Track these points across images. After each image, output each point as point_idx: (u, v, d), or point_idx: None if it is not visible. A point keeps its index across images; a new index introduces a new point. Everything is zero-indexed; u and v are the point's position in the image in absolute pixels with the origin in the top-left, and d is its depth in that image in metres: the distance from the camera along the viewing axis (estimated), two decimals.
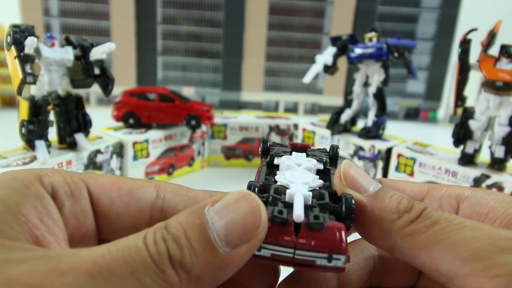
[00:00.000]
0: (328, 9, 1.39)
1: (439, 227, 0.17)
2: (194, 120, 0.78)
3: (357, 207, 0.19)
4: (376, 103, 0.80)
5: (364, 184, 0.20)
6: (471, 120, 0.64)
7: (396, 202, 0.19)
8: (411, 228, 0.18)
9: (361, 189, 0.20)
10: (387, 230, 0.18)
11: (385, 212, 0.18)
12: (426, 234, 0.17)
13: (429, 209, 0.18)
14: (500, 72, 0.60)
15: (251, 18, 1.37)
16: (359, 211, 0.19)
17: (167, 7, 1.36)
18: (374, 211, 0.19)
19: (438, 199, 0.22)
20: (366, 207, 0.19)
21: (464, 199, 0.21)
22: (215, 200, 0.16)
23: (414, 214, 0.18)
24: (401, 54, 0.75)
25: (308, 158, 0.24)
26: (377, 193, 0.19)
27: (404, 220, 0.18)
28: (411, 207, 0.18)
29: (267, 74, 1.44)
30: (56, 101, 0.59)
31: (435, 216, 0.18)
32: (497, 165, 0.63)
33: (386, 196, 0.19)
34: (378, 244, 0.19)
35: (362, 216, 0.19)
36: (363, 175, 0.20)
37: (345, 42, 0.80)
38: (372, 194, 0.19)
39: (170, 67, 1.42)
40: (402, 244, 0.18)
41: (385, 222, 0.18)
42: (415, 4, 1.40)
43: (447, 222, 0.17)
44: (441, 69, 1.46)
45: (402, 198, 0.19)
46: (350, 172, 0.20)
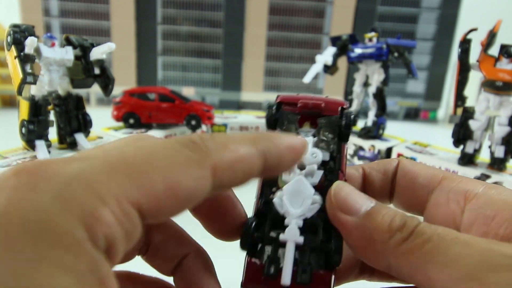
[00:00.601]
0: (328, 9, 1.39)
1: (432, 245, 0.17)
2: (194, 120, 0.78)
3: (349, 230, 0.19)
4: (376, 103, 0.80)
5: (355, 205, 0.19)
6: (471, 120, 0.64)
7: (388, 220, 0.18)
8: (404, 247, 0.17)
9: (353, 211, 0.19)
10: (381, 251, 0.18)
11: (377, 233, 0.18)
12: (419, 253, 0.17)
13: (422, 225, 0.18)
14: (500, 72, 0.60)
15: (251, 18, 1.37)
16: (352, 234, 0.19)
17: (167, 7, 1.36)
18: (367, 232, 0.18)
19: (446, 193, 0.22)
20: (358, 230, 0.18)
21: (473, 197, 0.21)
22: None
23: (406, 232, 0.17)
24: (401, 54, 0.75)
25: (314, 150, 0.22)
26: (368, 213, 0.19)
27: (396, 239, 0.17)
28: (404, 225, 0.18)
29: (267, 74, 1.44)
30: (56, 101, 0.59)
31: (428, 233, 0.17)
32: (497, 165, 0.63)
33: (378, 216, 0.18)
34: (375, 264, 0.19)
35: (355, 239, 0.19)
36: (354, 195, 0.19)
37: (345, 42, 0.80)
38: (363, 215, 0.19)
39: (170, 67, 1.42)
40: (397, 264, 0.17)
41: (378, 243, 0.18)
42: (415, 4, 1.40)
43: (440, 238, 0.17)
44: (441, 69, 1.46)
45: (395, 216, 0.18)
46: (341, 194, 0.20)
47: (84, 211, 0.13)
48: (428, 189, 0.23)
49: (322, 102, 0.24)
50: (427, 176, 0.23)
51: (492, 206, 0.20)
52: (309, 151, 0.22)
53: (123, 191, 0.14)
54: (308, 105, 0.24)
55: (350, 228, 0.19)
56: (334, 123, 0.23)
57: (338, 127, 0.23)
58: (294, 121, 0.24)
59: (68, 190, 0.13)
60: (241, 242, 0.20)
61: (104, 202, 0.13)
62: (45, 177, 0.13)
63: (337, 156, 0.23)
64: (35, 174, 0.13)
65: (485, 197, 0.20)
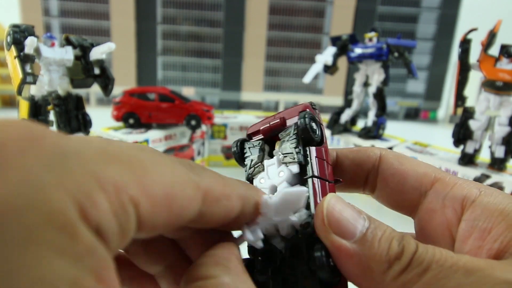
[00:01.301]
0: (328, 9, 1.39)
1: (432, 275, 0.16)
2: (194, 120, 0.78)
3: (345, 257, 0.17)
4: (376, 103, 0.80)
5: (350, 227, 0.18)
6: (471, 120, 0.64)
7: (385, 247, 0.17)
8: (403, 279, 0.16)
9: (348, 234, 0.17)
10: (379, 281, 0.17)
11: (375, 262, 0.17)
12: (418, 285, 0.16)
13: (420, 251, 0.17)
14: (500, 72, 0.60)
15: (251, 18, 1.37)
16: (347, 262, 0.17)
17: (167, 7, 1.36)
18: (363, 260, 0.17)
19: (442, 199, 0.21)
20: (354, 258, 0.17)
21: (469, 206, 0.20)
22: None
23: (404, 261, 0.17)
24: (401, 54, 0.75)
25: (280, 169, 0.21)
26: (364, 236, 0.17)
27: (395, 270, 0.17)
28: (402, 251, 0.17)
29: (267, 74, 1.44)
30: (56, 101, 0.59)
31: (426, 261, 0.16)
32: (497, 165, 0.63)
33: (375, 241, 0.17)
34: None
35: (351, 267, 0.17)
36: (348, 214, 0.18)
37: (345, 42, 0.80)
38: (359, 239, 0.17)
39: (170, 67, 1.42)
40: None
41: (375, 273, 0.17)
42: (415, 4, 1.40)
43: (439, 267, 0.16)
44: (441, 69, 1.46)
45: (392, 240, 0.17)
46: (334, 214, 0.18)
47: (80, 191, 0.11)
48: (419, 191, 0.21)
49: (281, 117, 0.22)
50: (417, 176, 0.22)
51: (488, 219, 0.19)
52: (275, 172, 0.21)
53: (123, 182, 0.12)
54: (269, 129, 0.23)
55: (345, 254, 0.17)
56: (293, 132, 0.22)
57: (295, 134, 0.21)
58: (258, 149, 0.23)
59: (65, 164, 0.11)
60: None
61: (103, 187, 0.12)
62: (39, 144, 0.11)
63: (306, 165, 0.21)
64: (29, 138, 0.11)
65: (481, 207, 0.19)
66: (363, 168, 0.23)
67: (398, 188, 0.22)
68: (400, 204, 0.23)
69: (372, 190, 0.23)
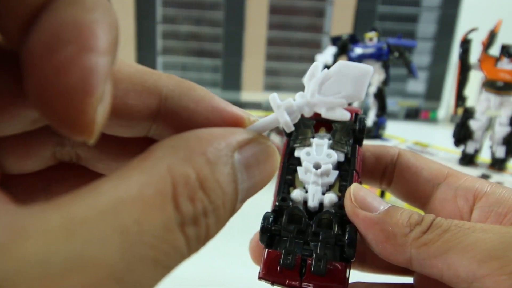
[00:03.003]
0: (328, 9, 1.39)
1: (451, 234, 0.18)
2: None
3: (369, 225, 0.20)
4: (377, 103, 0.79)
5: (375, 203, 0.20)
6: (472, 120, 0.64)
7: (406, 217, 0.19)
8: (424, 238, 0.18)
9: (372, 208, 0.20)
10: (402, 243, 0.19)
11: (398, 227, 0.19)
12: (439, 242, 0.18)
13: (439, 219, 0.19)
14: (501, 72, 0.60)
15: (251, 18, 1.37)
16: (372, 230, 0.20)
17: (167, 6, 1.35)
18: (387, 227, 0.19)
19: (454, 190, 0.22)
20: (378, 225, 0.19)
21: (482, 196, 0.21)
22: (241, 142, 0.15)
23: (425, 225, 0.19)
24: (401, 54, 0.75)
25: (329, 151, 0.24)
26: (387, 210, 0.20)
27: (416, 232, 0.18)
28: (422, 220, 0.19)
29: (267, 74, 1.44)
30: None
31: (445, 224, 0.18)
32: (497, 165, 0.63)
33: (397, 213, 0.19)
34: (395, 259, 0.19)
35: (375, 234, 0.20)
36: (372, 196, 0.21)
37: (345, 41, 0.80)
38: (383, 212, 0.20)
39: (170, 67, 1.42)
40: (418, 255, 0.18)
41: (399, 236, 0.19)
42: (415, 4, 1.40)
43: (457, 228, 0.18)
44: (441, 69, 1.46)
45: (412, 213, 0.19)
46: (360, 194, 0.21)
47: None
48: (432, 183, 0.23)
49: None
50: (432, 170, 0.24)
51: (504, 204, 0.20)
52: (324, 152, 0.23)
53: None
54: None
55: (370, 223, 0.20)
56: (348, 127, 0.25)
57: (352, 131, 0.24)
58: (309, 126, 0.25)
59: None
60: (261, 236, 0.21)
61: None
62: None
63: (351, 157, 0.24)
64: None
65: (495, 196, 0.21)
66: (382, 161, 0.25)
67: (413, 180, 0.24)
68: (414, 196, 0.25)
69: (388, 184, 0.25)
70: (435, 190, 0.23)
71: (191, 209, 0.13)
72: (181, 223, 0.12)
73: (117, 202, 0.11)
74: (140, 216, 0.11)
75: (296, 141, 0.24)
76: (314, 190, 0.22)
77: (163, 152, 0.13)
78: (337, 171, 0.23)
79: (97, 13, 0.12)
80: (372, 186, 0.27)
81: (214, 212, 0.13)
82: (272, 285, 0.21)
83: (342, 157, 0.24)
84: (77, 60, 0.11)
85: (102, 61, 0.12)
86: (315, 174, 0.23)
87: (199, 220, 0.13)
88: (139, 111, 0.17)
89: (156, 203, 0.12)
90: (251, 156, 0.15)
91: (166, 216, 0.12)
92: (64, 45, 0.11)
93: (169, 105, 0.17)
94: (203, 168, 0.13)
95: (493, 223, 0.20)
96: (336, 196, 0.22)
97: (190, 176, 0.13)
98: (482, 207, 0.21)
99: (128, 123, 0.17)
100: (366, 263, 0.26)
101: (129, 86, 0.17)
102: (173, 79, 0.18)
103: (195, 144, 0.14)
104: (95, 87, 0.11)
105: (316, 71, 0.17)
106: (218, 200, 0.13)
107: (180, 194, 0.12)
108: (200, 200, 0.13)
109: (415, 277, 0.24)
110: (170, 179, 0.12)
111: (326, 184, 0.23)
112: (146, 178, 0.12)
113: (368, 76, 0.17)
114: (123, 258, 0.10)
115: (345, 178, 0.23)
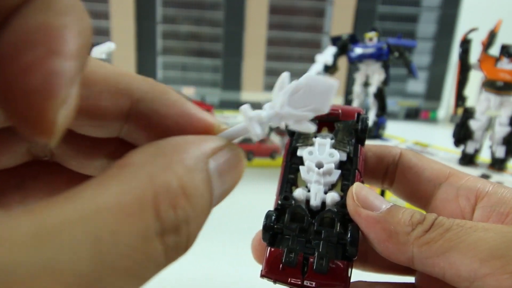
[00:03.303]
0: (328, 9, 1.39)
1: (453, 233, 0.18)
2: None
3: (371, 224, 0.20)
4: (376, 103, 0.79)
5: (376, 202, 0.20)
6: (472, 120, 0.64)
7: (408, 216, 0.19)
8: (426, 237, 0.18)
9: (374, 207, 0.20)
10: (403, 242, 0.19)
11: (399, 226, 0.19)
12: (441, 241, 0.18)
13: (441, 218, 0.19)
14: (500, 72, 0.60)
15: (251, 18, 1.37)
16: (374, 228, 0.20)
17: (167, 6, 1.35)
18: (389, 226, 0.19)
19: (456, 190, 0.22)
20: (380, 223, 0.20)
21: (484, 196, 0.21)
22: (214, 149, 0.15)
23: (427, 224, 0.19)
24: (401, 53, 0.75)
25: (331, 151, 0.24)
26: (389, 209, 0.20)
27: (418, 231, 0.19)
28: (424, 219, 0.19)
29: (267, 74, 1.44)
30: None
31: (447, 224, 0.18)
32: (497, 165, 0.63)
33: (399, 212, 0.20)
34: (396, 258, 0.19)
35: (377, 233, 0.20)
36: (375, 195, 0.21)
37: (345, 42, 0.80)
38: (385, 211, 0.20)
39: (170, 67, 1.42)
40: (420, 254, 0.18)
41: (400, 235, 0.19)
42: (415, 4, 1.40)
43: (459, 227, 0.18)
44: (441, 69, 1.46)
45: (414, 212, 0.20)
46: (362, 193, 0.21)
47: None
48: (434, 183, 0.23)
49: (339, 109, 0.25)
50: (433, 170, 0.24)
51: (506, 204, 0.20)
52: (326, 151, 0.24)
53: None
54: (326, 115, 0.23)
55: (372, 221, 0.20)
56: (351, 127, 0.25)
57: (355, 130, 0.25)
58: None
59: None
60: (263, 235, 0.22)
61: None
62: None
63: (354, 157, 0.24)
64: None
65: (497, 196, 0.21)
66: (384, 161, 0.25)
67: (415, 180, 0.24)
68: (415, 195, 0.25)
69: (390, 184, 0.25)
70: (436, 190, 0.23)
71: (173, 217, 0.13)
72: (161, 232, 0.12)
73: (93, 211, 0.11)
74: (115, 226, 0.11)
75: (298, 141, 0.25)
76: (317, 189, 0.23)
77: (141, 159, 0.13)
78: (339, 171, 0.23)
79: (68, 17, 0.12)
80: (374, 186, 0.27)
81: (195, 220, 0.13)
82: (274, 283, 0.21)
83: (344, 157, 0.24)
84: (43, 63, 0.11)
85: (68, 65, 0.12)
86: (318, 173, 0.23)
87: (180, 228, 0.13)
88: (111, 112, 0.17)
89: (135, 212, 0.12)
90: (223, 163, 0.15)
91: (144, 226, 0.12)
92: (32, 48, 0.11)
93: (142, 107, 0.17)
94: (183, 176, 0.13)
95: (495, 223, 0.20)
96: (338, 195, 0.23)
97: (172, 184, 0.13)
98: (484, 207, 0.21)
99: (100, 123, 0.17)
100: (368, 262, 0.26)
101: (103, 87, 0.17)
102: (147, 82, 0.18)
103: (173, 152, 0.14)
104: (57, 90, 0.12)
105: (285, 83, 0.18)
106: (199, 207, 0.14)
107: (161, 202, 0.12)
108: (182, 207, 0.13)
109: (416, 276, 0.24)
110: (151, 187, 0.12)
111: (328, 183, 0.23)
112: (125, 186, 0.12)
113: (333, 91, 0.17)
114: (94, 268, 0.10)
115: (347, 177, 0.23)
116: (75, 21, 0.12)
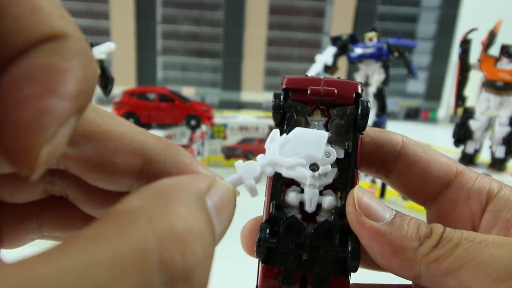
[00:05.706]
0: (328, 9, 1.39)
1: (463, 249, 0.17)
2: (194, 120, 0.78)
3: (376, 237, 0.18)
4: (376, 103, 0.79)
5: (380, 211, 0.19)
6: (472, 120, 0.64)
7: (415, 228, 0.18)
8: (435, 254, 0.17)
9: (378, 217, 0.18)
10: (411, 258, 0.17)
11: (406, 240, 0.18)
12: (450, 258, 0.17)
13: (448, 231, 0.18)
14: (500, 72, 0.60)
15: (251, 18, 1.37)
16: (378, 242, 0.18)
17: (167, 7, 1.35)
18: (395, 240, 0.18)
19: (467, 191, 0.21)
20: (385, 237, 0.18)
21: (493, 198, 0.20)
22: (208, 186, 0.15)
23: (434, 238, 0.17)
24: (401, 54, 0.75)
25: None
26: (394, 220, 0.18)
27: (426, 246, 0.17)
28: (431, 232, 0.18)
29: (267, 74, 1.44)
30: None
31: (455, 238, 0.17)
32: (497, 165, 0.63)
33: (404, 223, 0.18)
34: (402, 274, 0.18)
35: (382, 247, 0.18)
36: (377, 202, 0.19)
37: (345, 42, 0.80)
38: (389, 222, 0.18)
39: (170, 67, 1.42)
40: (428, 272, 0.17)
41: (407, 251, 0.17)
42: (415, 4, 1.40)
43: (468, 242, 0.17)
44: (441, 69, 1.46)
45: (420, 223, 0.18)
46: (364, 200, 0.19)
47: None
48: (442, 180, 0.22)
49: (335, 88, 0.21)
50: (441, 166, 0.22)
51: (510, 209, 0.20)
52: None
53: None
54: (319, 93, 0.21)
55: (376, 234, 0.18)
56: (349, 115, 0.21)
57: (354, 118, 0.21)
58: (304, 113, 0.22)
59: None
60: (257, 251, 0.20)
61: None
62: None
63: (352, 153, 0.21)
64: None
65: (504, 199, 0.20)
66: (382, 149, 0.23)
67: (421, 175, 0.22)
68: (419, 192, 0.23)
69: (386, 174, 0.23)
70: (444, 188, 0.22)
71: (182, 263, 0.11)
72: (170, 282, 0.11)
73: (86, 264, 0.10)
74: (110, 280, 0.10)
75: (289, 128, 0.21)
76: (311, 194, 0.20)
77: (138, 203, 0.13)
78: (335, 169, 0.21)
79: (75, 62, 0.13)
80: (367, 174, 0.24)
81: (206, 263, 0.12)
82: None
83: (341, 154, 0.21)
84: (37, 99, 0.12)
85: (61, 105, 0.12)
86: (313, 176, 0.20)
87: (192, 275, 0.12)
88: (123, 169, 0.18)
89: (134, 264, 0.11)
90: (219, 200, 0.15)
91: (145, 279, 0.11)
92: (31, 84, 0.12)
93: (154, 168, 0.18)
94: (187, 216, 0.12)
95: (500, 230, 0.19)
96: (334, 198, 0.20)
97: (176, 226, 0.12)
98: (491, 211, 0.20)
99: (112, 179, 0.18)
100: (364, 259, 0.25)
101: (118, 145, 0.17)
102: (161, 142, 0.18)
103: (171, 193, 0.13)
104: (46, 127, 0.12)
105: (276, 136, 0.19)
106: (208, 249, 0.13)
107: (167, 248, 0.11)
108: (192, 251, 0.12)
109: None
110: (152, 233, 0.11)
111: (324, 185, 0.21)
112: (123, 236, 0.11)
113: (324, 140, 0.18)
114: None
115: (344, 177, 0.21)
116: (80, 67, 0.13)
